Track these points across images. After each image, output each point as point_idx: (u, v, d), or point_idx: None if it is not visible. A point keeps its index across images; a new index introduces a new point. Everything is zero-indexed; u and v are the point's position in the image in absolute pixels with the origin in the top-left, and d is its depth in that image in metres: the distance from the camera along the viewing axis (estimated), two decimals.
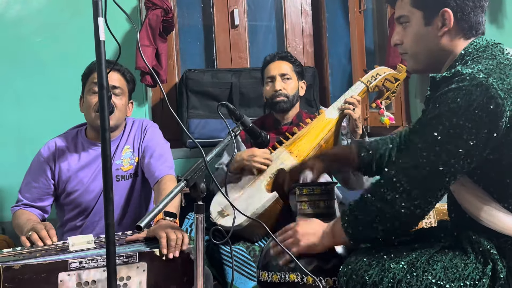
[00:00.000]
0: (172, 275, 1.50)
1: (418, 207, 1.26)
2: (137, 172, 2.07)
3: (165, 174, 1.94)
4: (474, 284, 1.21)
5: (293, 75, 2.38)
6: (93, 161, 2.04)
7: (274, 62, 2.38)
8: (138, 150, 2.08)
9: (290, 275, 1.46)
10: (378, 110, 3.02)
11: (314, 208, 1.58)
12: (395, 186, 1.27)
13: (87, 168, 2.04)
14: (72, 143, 2.08)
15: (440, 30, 1.35)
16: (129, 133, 2.10)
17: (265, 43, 3.39)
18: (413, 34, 1.40)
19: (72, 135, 2.10)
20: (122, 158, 2.06)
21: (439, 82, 1.28)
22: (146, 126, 2.12)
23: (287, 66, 2.38)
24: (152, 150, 2.04)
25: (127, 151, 2.07)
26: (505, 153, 1.26)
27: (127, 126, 2.12)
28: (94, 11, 1.16)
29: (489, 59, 1.27)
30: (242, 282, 1.95)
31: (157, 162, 1.99)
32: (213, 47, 3.23)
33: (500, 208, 1.29)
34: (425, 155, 1.24)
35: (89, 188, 2.03)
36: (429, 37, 1.38)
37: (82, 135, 2.09)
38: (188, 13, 3.25)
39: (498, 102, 1.19)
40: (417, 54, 1.42)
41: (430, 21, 1.36)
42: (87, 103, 2.00)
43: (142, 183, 2.09)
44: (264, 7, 3.40)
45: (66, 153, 2.05)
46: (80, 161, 2.05)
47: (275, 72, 2.35)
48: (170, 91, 3.09)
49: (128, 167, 2.06)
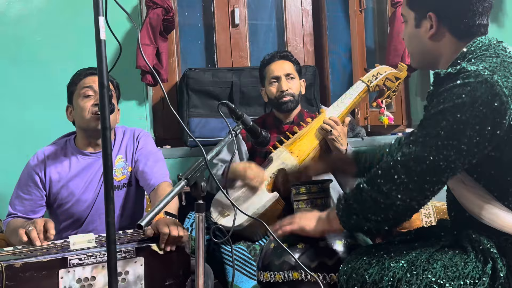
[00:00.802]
0: (169, 268, 1.54)
1: (414, 199, 1.27)
2: (130, 181, 2.04)
3: (162, 181, 1.91)
4: (474, 282, 1.22)
5: (296, 74, 2.38)
6: (84, 170, 1.99)
7: (275, 62, 2.38)
8: (131, 159, 2.04)
9: (293, 273, 1.46)
10: (378, 109, 3.04)
11: (312, 206, 1.59)
12: (393, 178, 1.27)
13: (78, 178, 1.99)
14: (62, 153, 2.02)
15: (428, 32, 1.39)
16: (121, 142, 2.06)
17: (266, 42, 3.39)
18: (407, 34, 1.47)
19: (61, 145, 2.04)
20: (115, 168, 2.00)
21: (443, 78, 1.29)
22: (138, 135, 2.08)
23: (289, 65, 2.38)
24: (146, 158, 2.01)
25: (119, 160, 2.03)
26: (507, 150, 1.26)
27: (118, 135, 2.08)
28: (95, 10, 1.16)
29: (493, 57, 1.28)
30: (242, 281, 1.95)
31: (152, 170, 1.96)
32: (213, 46, 3.23)
33: (501, 206, 1.29)
34: (427, 149, 1.24)
35: (81, 198, 1.98)
36: (418, 38, 1.43)
37: (71, 144, 2.03)
38: (188, 12, 3.25)
39: (502, 99, 1.20)
40: (412, 53, 1.49)
41: (420, 23, 1.41)
42: (79, 108, 1.95)
43: (136, 192, 2.06)
44: (265, 6, 3.40)
45: (56, 163, 1.99)
46: (71, 170, 1.99)
47: (280, 72, 2.35)
48: (170, 90, 3.09)
49: (121, 177, 2.02)
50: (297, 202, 1.62)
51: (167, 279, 1.54)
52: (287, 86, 2.33)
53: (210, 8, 3.23)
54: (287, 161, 2.10)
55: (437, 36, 1.39)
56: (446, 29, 1.37)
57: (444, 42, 1.39)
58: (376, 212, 1.30)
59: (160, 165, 2.01)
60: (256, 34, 3.36)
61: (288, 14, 3.36)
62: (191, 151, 2.85)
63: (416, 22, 1.41)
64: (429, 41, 1.40)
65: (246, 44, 3.26)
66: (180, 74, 3.09)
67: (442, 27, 1.37)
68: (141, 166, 2.00)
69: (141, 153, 2.03)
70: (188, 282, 1.58)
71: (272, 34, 3.42)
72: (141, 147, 2.05)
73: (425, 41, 1.40)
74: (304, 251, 1.49)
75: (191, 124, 2.87)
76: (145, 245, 1.52)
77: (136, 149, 2.05)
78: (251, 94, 2.94)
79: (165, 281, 1.54)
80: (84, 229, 2.00)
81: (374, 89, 2.29)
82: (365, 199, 1.32)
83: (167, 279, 1.54)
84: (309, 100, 2.99)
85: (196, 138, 1.28)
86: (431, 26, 1.38)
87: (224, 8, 3.22)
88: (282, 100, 2.33)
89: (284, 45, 3.35)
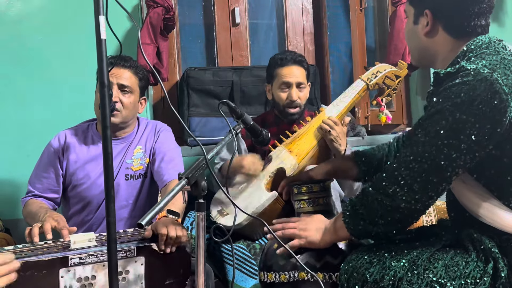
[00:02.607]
0: (169, 267, 1.55)
1: (419, 201, 1.26)
2: (146, 173, 2.08)
3: (174, 178, 1.94)
4: (475, 282, 1.21)
5: (306, 82, 2.35)
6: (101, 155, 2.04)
7: (289, 66, 2.31)
8: (149, 152, 2.08)
9: (299, 273, 1.45)
10: (379, 108, 3.03)
11: (314, 206, 1.58)
12: (397, 179, 1.27)
13: (95, 162, 2.03)
14: (82, 136, 2.08)
15: (424, 29, 1.40)
16: (142, 134, 2.10)
17: (266, 41, 3.39)
18: (406, 30, 1.48)
19: (83, 128, 2.10)
20: (133, 157, 2.05)
21: (443, 77, 1.29)
22: (159, 129, 2.12)
23: (302, 73, 2.33)
24: (163, 153, 2.04)
25: (138, 151, 2.07)
26: (507, 149, 1.26)
27: (141, 126, 2.12)
28: (95, 9, 1.16)
29: (493, 55, 1.28)
30: (243, 280, 1.95)
31: (167, 166, 2.00)
32: (214, 45, 3.23)
33: (501, 206, 1.29)
34: (427, 149, 1.24)
35: (96, 182, 2.02)
36: (415, 35, 1.44)
37: (93, 128, 2.09)
38: (189, 11, 3.25)
39: (502, 97, 1.20)
40: (410, 49, 1.51)
41: (417, 20, 1.42)
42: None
43: (150, 184, 2.09)
44: (265, 5, 3.40)
45: (75, 145, 2.05)
46: (89, 154, 2.04)
47: (293, 80, 2.30)
48: (171, 89, 3.10)
49: (138, 167, 2.06)
50: (299, 202, 1.62)
51: (168, 278, 1.55)
52: (296, 96, 2.30)
53: (211, 7, 3.23)
54: (286, 161, 2.10)
55: (431, 33, 1.40)
56: (440, 26, 1.38)
57: (438, 39, 1.40)
58: (383, 216, 1.30)
59: (176, 162, 2.03)
60: (256, 33, 3.36)
61: (288, 13, 3.36)
62: (192, 150, 2.85)
63: (414, 19, 1.43)
64: (424, 37, 1.41)
65: (247, 43, 3.26)
66: (180, 73, 3.09)
67: (437, 24, 1.38)
68: (157, 161, 2.03)
69: (159, 148, 2.06)
70: (188, 281, 1.58)
71: (272, 33, 3.42)
72: (161, 142, 2.08)
73: (421, 37, 1.42)
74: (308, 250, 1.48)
75: (192, 123, 2.87)
76: (145, 245, 1.52)
77: (155, 142, 2.08)
78: (252, 93, 2.93)
79: (166, 280, 1.55)
80: (98, 216, 2.04)
81: (373, 87, 2.28)
82: (372, 203, 1.32)
83: (167, 278, 1.55)
84: (309, 99, 2.96)
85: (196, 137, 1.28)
86: (427, 23, 1.39)
87: (225, 7, 3.22)
88: (289, 110, 2.31)
89: (285, 44, 3.35)
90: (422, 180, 1.25)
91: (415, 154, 1.26)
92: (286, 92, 2.32)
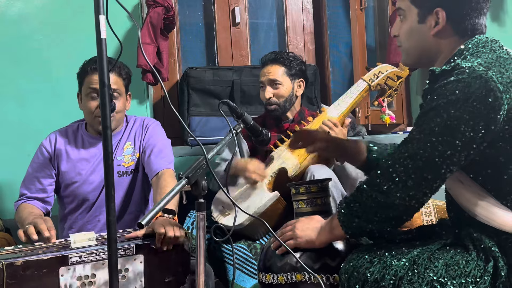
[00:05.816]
0: (168, 265, 1.57)
1: (413, 197, 1.26)
2: (138, 168, 2.10)
3: (164, 168, 1.97)
4: (475, 281, 1.22)
5: (284, 79, 2.32)
6: (92, 152, 2.08)
7: (266, 66, 2.36)
8: (139, 147, 2.10)
9: (296, 275, 1.45)
10: (380, 108, 3.03)
11: (312, 206, 1.58)
12: (391, 176, 1.27)
13: (86, 161, 2.07)
14: (73, 136, 2.11)
15: (433, 29, 1.36)
16: (130, 130, 2.13)
17: (266, 41, 3.39)
18: (406, 29, 1.42)
19: (73, 129, 2.13)
20: (124, 154, 2.08)
21: (438, 75, 1.29)
22: (147, 123, 2.15)
23: (277, 70, 2.32)
24: (152, 146, 2.07)
25: (128, 147, 2.10)
26: (503, 148, 1.26)
27: (129, 122, 2.15)
28: (96, 8, 1.16)
29: (489, 53, 1.28)
30: (243, 280, 1.95)
31: (157, 157, 2.02)
32: (214, 45, 3.23)
33: (498, 205, 1.28)
34: (422, 146, 1.24)
35: (88, 179, 2.05)
36: (421, 35, 1.39)
37: (83, 129, 2.12)
38: (189, 11, 3.25)
39: (497, 95, 1.20)
40: (408, 49, 1.45)
41: (424, 19, 1.38)
42: (86, 108, 2.02)
43: (143, 179, 2.11)
44: (265, 5, 3.40)
45: (66, 146, 2.08)
46: (80, 153, 2.08)
47: (264, 78, 2.34)
48: (171, 89, 3.10)
49: (129, 163, 2.08)
50: (297, 202, 1.61)
51: (167, 276, 1.57)
52: (270, 94, 2.31)
53: (211, 7, 3.23)
54: (288, 161, 2.10)
55: (441, 33, 1.36)
56: (450, 26, 1.36)
57: (446, 39, 1.37)
58: (378, 213, 1.30)
59: (165, 153, 2.06)
60: (256, 33, 3.36)
61: (288, 13, 3.36)
62: (192, 150, 2.85)
63: (420, 18, 1.38)
64: (432, 37, 1.38)
65: (247, 43, 3.26)
66: (180, 73, 3.09)
67: (448, 24, 1.35)
68: (147, 154, 2.05)
69: (148, 141, 2.09)
70: (187, 278, 1.59)
71: (272, 33, 3.42)
72: (149, 135, 2.11)
73: (428, 37, 1.38)
74: (307, 252, 1.48)
75: (192, 123, 2.87)
76: (144, 243, 1.54)
77: (144, 136, 2.11)
78: (252, 92, 2.94)
79: (165, 278, 1.57)
80: (92, 214, 2.07)
81: (375, 88, 2.28)
82: (366, 200, 1.32)
83: (166, 276, 1.57)
84: (310, 99, 2.98)
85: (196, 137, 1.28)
86: (436, 22, 1.36)
87: (225, 6, 3.22)
88: (268, 108, 2.34)
89: (285, 44, 3.35)
90: (416, 177, 1.25)
91: (409, 151, 1.26)
92: (262, 90, 2.36)
